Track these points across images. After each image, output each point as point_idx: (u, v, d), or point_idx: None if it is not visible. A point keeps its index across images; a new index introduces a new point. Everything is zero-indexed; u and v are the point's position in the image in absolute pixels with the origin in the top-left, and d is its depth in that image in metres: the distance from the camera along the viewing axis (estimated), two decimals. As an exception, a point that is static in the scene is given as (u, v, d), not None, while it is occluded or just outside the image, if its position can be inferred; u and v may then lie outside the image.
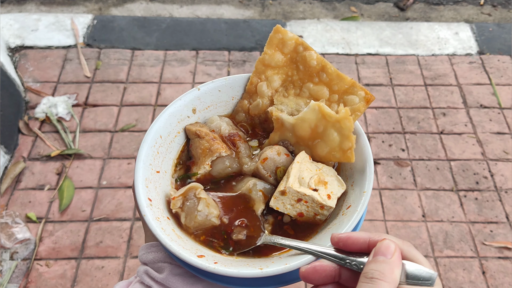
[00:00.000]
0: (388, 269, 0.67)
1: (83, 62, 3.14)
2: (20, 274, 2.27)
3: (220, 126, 1.06)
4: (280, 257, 0.90)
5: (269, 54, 1.04)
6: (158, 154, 1.01)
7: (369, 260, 0.70)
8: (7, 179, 2.55)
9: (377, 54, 3.27)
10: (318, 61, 1.01)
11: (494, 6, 3.78)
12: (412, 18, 3.70)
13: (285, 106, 1.04)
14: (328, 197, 0.92)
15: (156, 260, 0.93)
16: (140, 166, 0.94)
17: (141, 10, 3.69)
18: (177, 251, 0.82)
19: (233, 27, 3.42)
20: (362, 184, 0.91)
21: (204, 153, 1.01)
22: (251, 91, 1.08)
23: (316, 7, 3.76)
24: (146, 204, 0.89)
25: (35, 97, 2.93)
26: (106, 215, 2.46)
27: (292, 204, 0.92)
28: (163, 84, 3.04)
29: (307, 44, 1.03)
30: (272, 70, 1.06)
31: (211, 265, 0.81)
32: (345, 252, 0.75)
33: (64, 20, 3.38)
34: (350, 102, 0.99)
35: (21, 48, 3.21)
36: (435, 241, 2.39)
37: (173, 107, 1.06)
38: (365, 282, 0.67)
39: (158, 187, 0.97)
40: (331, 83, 1.00)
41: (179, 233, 0.92)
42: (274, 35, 1.03)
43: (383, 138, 2.79)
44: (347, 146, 0.93)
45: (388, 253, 0.69)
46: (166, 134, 1.03)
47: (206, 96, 1.09)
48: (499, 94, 3.02)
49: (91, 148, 2.71)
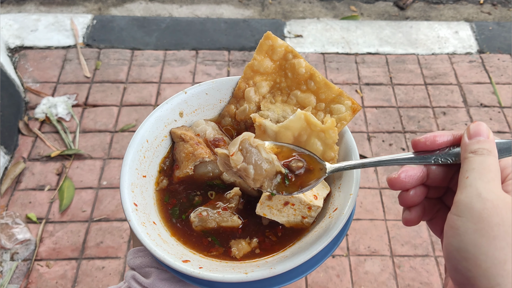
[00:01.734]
0: (491, 147, 0.71)
1: (83, 62, 3.13)
2: (20, 274, 2.26)
3: (205, 130, 1.06)
4: (266, 261, 0.89)
5: (259, 60, 1.05)
6: (145, 159, 1.01)
7: (467, 142, 0.73)
8: (7, 180, 2.55)
9: (377, 53, 3.27)
10: (306, 69, 1.01)
11: (494, 5, 3.78)
12: (412, 17, 3.69)
13: (272, 112, 1.04)
14: (314, 198, 0.92)
15: (143, 265, 0.93)
16: (125, 171, 0.94)
17: (141, 10, 3.69)
18: (162, 256, 0.82)
19: (233, 27, 3.42)
20: (349, 186, 0.91)
21: (187, 157, 1.01)
22: (238, 96, 1.09)
23: (316, 7, 3.75)
24: (131, 209, 0.89)
25: (35, 98, 2.93)
26: (106, 215, 2.45)
27: (279, 209, 0.92)
28: (163, 84, 3.03)
29: (296, 52, 1.03)
30: (260, 76, 1.06)
31: (196, 270, 0.81)
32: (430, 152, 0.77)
33: (64, 20, 3.38)
34: (336, 111, 0.99)
35: (20, 48, 3.20)
36: (436, 240, 2.39)
37: (160, 110, 1.05)
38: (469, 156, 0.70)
39: (145, 192, 0.97)
40: (319, 91, 1.01)
41: (166, 237, 0.92)
42: (264, 41, 1.04)
43: (383, 138, 2.79)
44: (330, 156, 0.94)
45: (484, 134, 0.73)
46: (152, 138, 1.03)
47: (193, 99, 1.09)
48: (499, 93, 3.02)
49: (91, 148, 2.70)
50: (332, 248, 0.91)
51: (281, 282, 0.87)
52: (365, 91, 3.02)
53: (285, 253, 0.90)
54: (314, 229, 0.92)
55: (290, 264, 0.80)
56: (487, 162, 0.69)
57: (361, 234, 2.40)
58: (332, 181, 0.98)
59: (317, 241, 0.84)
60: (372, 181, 2.59)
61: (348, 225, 0.93)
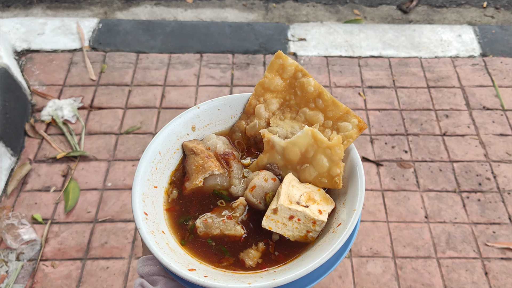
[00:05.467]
0: None
1: (89, 65, 3.17)
2: (26, 274, 2.29)
3: (216, 144, 1.09)
4: (269, 272, 0.92)
5: (269, 78, 1.08)
6: (157, 170, 1.04)
7: None
8: (13, 181, 2.58)
9: (380, 57, 3.28)
10: (315, 87, 1.05)
11: (497, 8, 3.79)
12: (415, 21, 3.71)
13: (281, 129, 1.07)
14: (319, 212, 0.94)
15: (151, 273, 0.96)
16: (138, 181, 0.97)
17: (146, 14, 3.73)
18: (168, 264, 0.85)
19: (237, 30, 3.45)
20: (353, 202, 0.93)
21: (197, 170, 1.04)
22: (249, 112, 1.12)
23: (320, 10, 3.78)
24: (141, 218, 0.92)
25: (41, 100, 2.96)
26: (111, 216, 2.48)
27: (284, 223, 0.94)
28: (167, 87, 3.06)
29: (305, 71, 1.07)
30: (271, 94, 1.09)
31: (201, 278, 0.83)
32: None
33: (70, 24, 3.42)
34: (343, 128, 1.02)
35: (27, 51, 3.25)
36: (438, 242, 2.40)
37: (173, 124, 1.08)
38: None
39: (155, 202, 1.00)
40: (327, 109, 1.04)
41: (174, 246, 0.94)
42: (275, 60, 1.07)
43: (386, 140, 2.80)
44: (335, 172, 0.97)
45: None
46: (165, 150, 1.06)
47: (206, 114, 1.12)
48: (502, 96, 3.02)
49: (96, 150, 2.73)
50: (335, 262, 0.93)
51: None
52: (368, 94, 3.04)
53: (288, 266, 0.92)
54: (318, 243, 0.94)
55: (291, 276, 0.82)
56: None
57: (363, 236, 2.42)
58: (337, 197, 1.01)
59: (320, 255, 0.86)
60: (375, 183, 2.61)
61: (352, 240, 0.95)
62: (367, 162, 2.70)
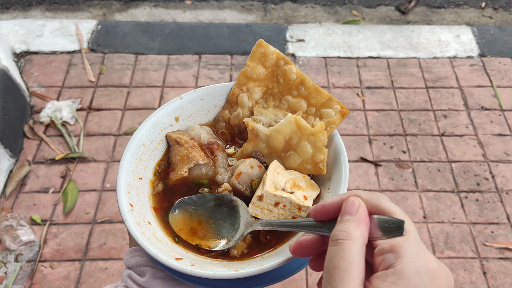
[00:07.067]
0: (353, 227, 0.63)
1: (87, 67, 3.18)
2: (24, 275, 2.29)
3: (200, 134, 1.10)
4: (256, 259, 0.92)
5: (251, 66, 1.08)
6: (141, 161, 1.04)
7: (337, 221, 0.66)
8: (12, 182, 2.58)
9: (379, 57, 3.29)
10: (297, 75, 1.05)
11: (495, 8, 3.80)
12: (414, 21, 3.72)
13: (264, 117, 1.07)
14: (304, 198, 0.94)
15: (139, 264, 0.96)
16: (122, 173, 0.97)
17: (145, 15, 3.73)
18: (155, 254, 0.85)
19: (236, 32, 3.45)
20: (338, 187, 0.93)
21: (182, 160, 1.05)
22: (232, 101, 1.12)
23: (318, 11, 3.78)
24: (127, 210, 0.92)
25: (40, 102, 2.97)
26: (109, 217, 2.48)
27: (270, 210, 0.94)
28: (166, 88, 3.07)
29: (287, 58, 1.07)
30: (253, 82, 1.10)
31: (188, 267, 0.83)
32: (324, 221, 0.73)
33: (69, 26, 3.42)
34: (326, 115, 1.03)
35: (26, 53, 3.25)
36: (436, 242, 2.40)
37: (156, 116, 1.08)
38: (331, 245, 0.63)
39: (141, 193, 1.00)
40: (309, 96, 1.04)
41: (160, 237, 0.94)
42: (257, 49, 1.08)
43: (385, 140, 2.81)
44: (319, 158, 0.98)
45: (353, 210, 0.65)
46: (149, 142, 1.06)
47: (189, 105, 1.13)
48: (500, 96, 3.03)
49: (95, 151, 2.74)
50: None
51: (272, 280, 0.90)
52: (367, 95, 3.04)
53: (275, 252, 0.93)
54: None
55: (278, 262, 0.83)
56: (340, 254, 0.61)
57: (362, 236, 2.42)
58: (322, 182, 1.01)
59: None
60: (373, 184, 2.61)
61: None
62: (365, 162, 2.71)
